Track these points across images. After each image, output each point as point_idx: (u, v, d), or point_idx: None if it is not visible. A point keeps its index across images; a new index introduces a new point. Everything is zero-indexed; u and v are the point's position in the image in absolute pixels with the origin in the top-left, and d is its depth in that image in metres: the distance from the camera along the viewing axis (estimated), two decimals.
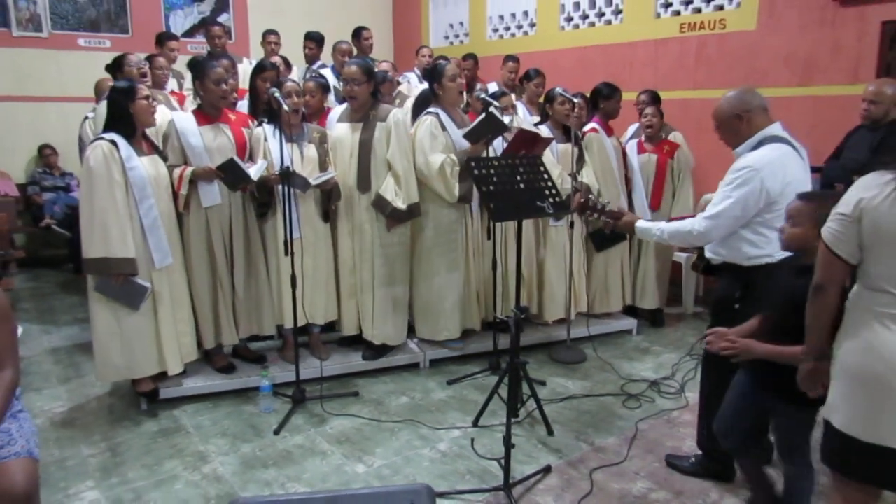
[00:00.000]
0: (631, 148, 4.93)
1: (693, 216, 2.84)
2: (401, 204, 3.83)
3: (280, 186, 3.53)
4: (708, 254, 2.83)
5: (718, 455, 2.91)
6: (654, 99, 5.05)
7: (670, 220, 3.74)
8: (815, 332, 1.99)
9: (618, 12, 6.28)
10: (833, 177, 3.75)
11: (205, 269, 3.67)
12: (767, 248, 2.64)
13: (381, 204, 3.85)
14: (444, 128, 3.98)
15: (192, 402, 3.65)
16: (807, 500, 2.41)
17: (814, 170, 3.98)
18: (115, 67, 4.33)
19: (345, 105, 4.02)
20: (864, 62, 4.57)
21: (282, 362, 3.99)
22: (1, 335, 2.14)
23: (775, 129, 2.68)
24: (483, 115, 3.81)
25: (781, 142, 2.64)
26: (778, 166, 2.57)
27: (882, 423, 1.82)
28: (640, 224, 2.90)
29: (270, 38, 6.06)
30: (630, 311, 5.01)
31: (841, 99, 4.62)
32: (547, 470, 3.00)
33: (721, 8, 5.48)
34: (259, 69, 4.23)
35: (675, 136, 4.96)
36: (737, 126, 2.67)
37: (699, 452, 3.00)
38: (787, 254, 2.51)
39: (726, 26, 5.37)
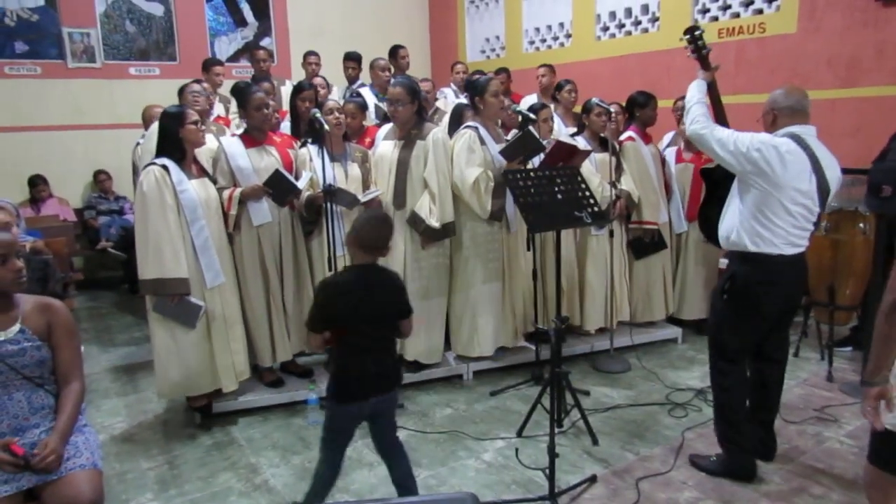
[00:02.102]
0: (669, 156, 4.89)
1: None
2: (434, 222, 3.83)
3: (325, 204, 3.63)
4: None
5: (738, 452, 2.95)
6: None
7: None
8: (892, 351, 1.89)
9: (654, 20, 6.27)
10: (879, 179, 3.67)
11: (259, 287, 3.77)
12: (743, 239, 2.79)
13: (415, 221, 3.88)
14: (482, 142, 3.95)
15: (243, 415, 3.76)
16: (323, 488, 2.55)
17: (857, 171, 3.90)
18: (180, 93, 4.57)
19: (392, 124, 4.09)
20: None
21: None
22: (68, 351, 2.27)
23: (794, 129, 2.77)
24: (520, 133, 3.81)
25: (796, 141, 2.71)
26: (782, 158, 2.67)
27: None
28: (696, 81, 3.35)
29: (311, 59, 6.23)
30: (675, 319, 4.96)
31: (887, 100, 4.53)
32: (592, 479, 3.00)
33: (760, 12, 5.42)
34: (297, 90, 4.36)
35: None
36: (767, 120, 2.88)
37: (719, 451, 3.03)
38: (795, 250, 2.74)
39: (766, 30, 5.31)
